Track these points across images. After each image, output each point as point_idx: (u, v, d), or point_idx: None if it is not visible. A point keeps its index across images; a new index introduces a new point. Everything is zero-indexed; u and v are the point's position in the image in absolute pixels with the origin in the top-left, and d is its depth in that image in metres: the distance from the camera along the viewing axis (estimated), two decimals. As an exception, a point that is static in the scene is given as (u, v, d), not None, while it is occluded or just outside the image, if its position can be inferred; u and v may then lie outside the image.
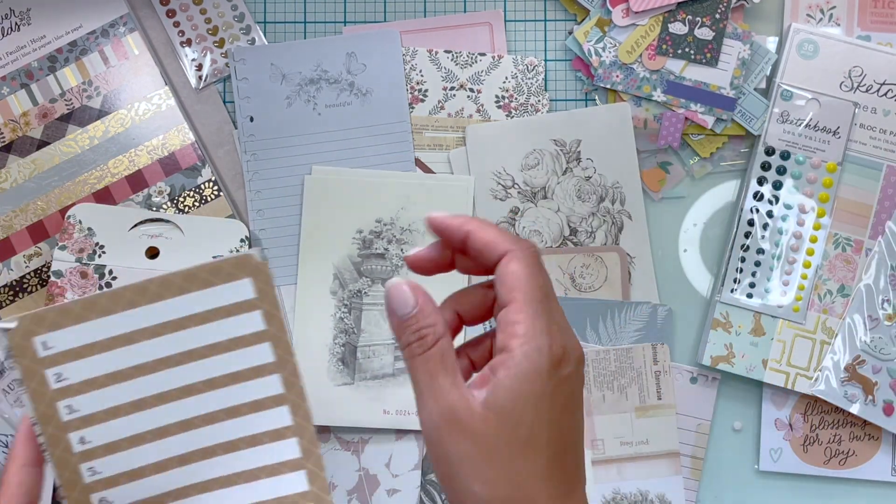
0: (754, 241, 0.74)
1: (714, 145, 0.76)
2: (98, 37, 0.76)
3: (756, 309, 0.74)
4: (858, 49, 0.75)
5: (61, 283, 0.72)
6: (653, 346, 0.74)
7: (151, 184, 0.75)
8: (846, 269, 0.74)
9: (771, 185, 0.75)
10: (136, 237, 0.73)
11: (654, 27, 0.75)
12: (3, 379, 0.74)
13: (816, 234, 0.74)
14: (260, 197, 0.76)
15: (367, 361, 0.75)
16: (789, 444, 0.75)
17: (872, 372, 0.73)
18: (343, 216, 0.75)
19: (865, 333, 0.73)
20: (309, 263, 0.75)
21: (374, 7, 0.77)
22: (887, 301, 0.74)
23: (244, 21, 0.77)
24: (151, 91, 0.76)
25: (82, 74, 0.75)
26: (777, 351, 0.74)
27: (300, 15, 0.77)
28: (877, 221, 0.74)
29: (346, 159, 0.76)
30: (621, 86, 0.76)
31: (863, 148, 0.75)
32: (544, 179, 0.77)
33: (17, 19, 0.75)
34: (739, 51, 0.75)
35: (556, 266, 0.76)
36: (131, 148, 0.75)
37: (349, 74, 0.76)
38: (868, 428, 0.75)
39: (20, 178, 0.75)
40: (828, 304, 0.74)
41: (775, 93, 0.75)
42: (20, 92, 0.75)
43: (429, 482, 0.75)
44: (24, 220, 0.74)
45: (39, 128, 0.75)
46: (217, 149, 0.77)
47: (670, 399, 0.74)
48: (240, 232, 0.73)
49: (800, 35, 0.75)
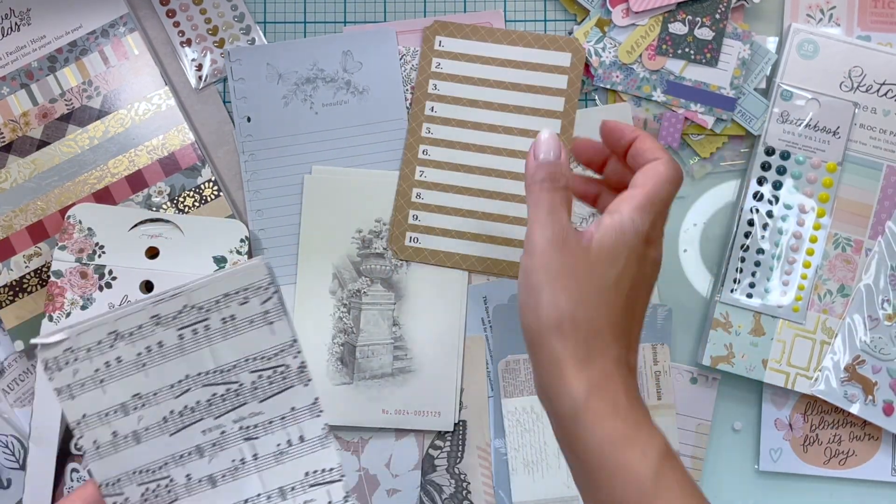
0: (754, 241, 0.74)
1: (714, 145, 0.76)
2: (98, 37, 0.76)
3: (756, 309, 0.74)
4: (858, 49, 0.75)
5: (61, 283, 0.72)
6: (653, 347, 0.74)
7: (151, 184, 0.75)
8: (846, 269, 0.74)
9: (771, 185, 0.74)
10: (136, 237, 0.73)
11: (654, 27, 0.75)
12: (3, 379, 0.74)
13: (816, 234, 0.74)
14: (259, 197, 0.76)
15: (365, 361, 0.75)
16: (789, 445, 0.75)
17: (872, 372, 0.73)
18: (342, 216, 0.75)
19: (865, 333, 0.73)
20: (308, 263, 0.75)
21: (373, 7, 0.77)
22: (887, 301, 0.73)
23: (244, 21, 0.77)
24: (151, 91, 0.76)
25: (82, 74, 0.75)
26: (777, 351, 0.74)
27: (300, 15, 0.78)
28: (877, 221, 0.74)
29: (344, 158, 0.76)
30: (621, 86, 0.76)
31: (863, 148, 0.75)
32: (544, 179, 0.77)
33: (16, 19, 0.75)
34: (739, 51, 0.75)
35: (556, 266, 0.76)
36: (131, 148, 0.75)
37: (345, 73, 0.76)
38: (868, 428, 0.75)
39: (20, 178, 0.75)
40: (828, 304, 0.74)
41: (775, 93, 0.75)
42: (20, 92, 0.75)
43: (429, 482, 0.75)
44: (24, 220, 0.75)
45: (39, 128, 0.75)
46: (217, 149, 0.77)
47: (670, 399, 0.74)
48: (239, 232, 0.73)
49: (800, 35, 0.75)
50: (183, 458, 0.50)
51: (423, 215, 0.75)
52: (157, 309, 0.49)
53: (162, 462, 0.50)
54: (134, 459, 0.50)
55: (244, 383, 0.51)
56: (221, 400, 0.51)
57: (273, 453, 0.52)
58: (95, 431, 0.50)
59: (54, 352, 0.49)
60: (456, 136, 0.75)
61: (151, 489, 0.50)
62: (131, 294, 0.72)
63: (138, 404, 0.50)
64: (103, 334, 0.48)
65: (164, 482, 0.50)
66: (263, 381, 0.51)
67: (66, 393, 0.49)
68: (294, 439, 0.52)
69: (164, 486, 0.51)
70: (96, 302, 0.71)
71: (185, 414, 0.50)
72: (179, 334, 0.50)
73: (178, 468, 0.50)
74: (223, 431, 0.51)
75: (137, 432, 0.50)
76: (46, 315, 0.71)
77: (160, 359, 0.49)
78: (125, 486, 0.50)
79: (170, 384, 0.50)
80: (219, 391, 0.50)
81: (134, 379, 0.50)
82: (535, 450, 0.74)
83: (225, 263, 0.72)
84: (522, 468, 0.74)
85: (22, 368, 0.74)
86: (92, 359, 0.49)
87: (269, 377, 0.51)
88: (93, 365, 0.49)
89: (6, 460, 0.73)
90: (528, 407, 0.74)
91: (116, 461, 0.50)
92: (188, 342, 0.50)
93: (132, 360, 0.49)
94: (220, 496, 0.51)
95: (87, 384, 0.49)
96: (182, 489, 0.51)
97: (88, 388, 0.49)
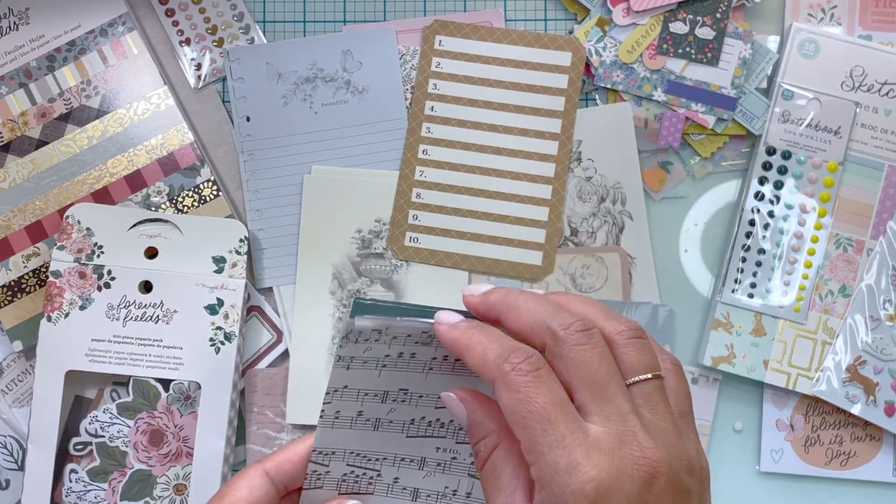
0: (755, 241, 0.74)
1: (715, 145, 0.76)
2: (97, 36, 0.75)
3: (757, 309, 0.74)
4: (859, 48, 0.74)
5: (60, 283, 0.71)
6: (653, 347, 0.74)
7: (150, 184, 0.75)
8: (847, 269, 0.74)
9: (772, 185, 0.74)
10: (135, 237, 0.72)
11: (655, 27, 0.75)
12: (2, 379, 0.74)
13: (818, 234, 0.74)
14: (258, 196, 0.75)
15: (366, 362, 0.74)
16: (790, 445, 0.75)
17: (874, 372, 0.73)
18: (342, 216, 0.75)
19: (867, 334, 0.73)
20: (308, 263, 0.75)
21: (373, 6, 0.77)
22: (888, 301, 0.73)
23: (243, 20, 0.77)
24: (150, 91, 0.75)
25: (81, 74, 0.75)
26: (778, 351, 0.74)
27: (299, 14, 0.77)
28: (878, 221, 0.74)
29: (344, 157, 0.76)
30: (622, 85, 0.75)
31: (864, 148, 0.74)
32: (544, 179, 0.77)
33: (15, 19, 0.75)
34: (740, 50, 0.75)
35: (557, 266, 0.75)
36: (130, 148, 0.75)
37: (345, 72, 0.76)
38: (869, 428, 0.74)
39: (19, 178, 0.74)
40: (829, 304, 0.74)
41: (776, 92, 0.74)
42: (19, 91, 0.75)
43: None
44: (23, 220, 0.74)
45: (38, 127, 0.75)
46: (216, 149, 0.76)
47: (671, 400, 0.74)
48: (239, 232, 0.73)
49: (801, 34, 0.75)
50: (404, 461, 0.50)
51: (423, 215, 0.75)
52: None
53: (382, 456, 0.50)
54: (360, 442, 0.49)
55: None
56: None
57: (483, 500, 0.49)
58: (345, 403, 0.49)
59: (368, 325, 0.48)
60: (456, 136, 0.75)
61: (355, 474, 0.50)
62: (130, 295, 0.71)
63: (399, 398, 0.49)
64: (416, 331, 0.47)
65: (371, 473, 0.50)
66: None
67: (344, 361, 0.48)
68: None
69: (368, 478, 0.50)
70: (95, 302, 0.71)
71: (432, 425, 0.49)
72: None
73: (392, 468, 0.50)
74: (455, 458, 0.49)
75: (381, 420, 0.49)
76: (45, 315, 0.71)
77: (445, 371, 0.48)
78: (336, 461, 0.50)
79: (438, 394, 0.48)
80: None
81: (412, 376, 0.49)
82: (536, 450, 0.74)
83: (224, 263, 0.72)
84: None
85: (21, 369, 0.74)
86: (390, 345, 0.48)
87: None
88: (386, 350, 0.48)
89: (5, 461, 0.73)
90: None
91: (344, 436, 0.49)
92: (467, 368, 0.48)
93: (423, 361, 0.48)
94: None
95: (368, 363, 0.49)
96: (382, 488, 0.50)
97: (368, 367, 0.49)
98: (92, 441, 0.72)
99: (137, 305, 0.72)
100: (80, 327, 0.71)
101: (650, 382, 0.39)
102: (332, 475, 0.49)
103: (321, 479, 0.49)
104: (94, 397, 0.73)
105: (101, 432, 0.72)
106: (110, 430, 0.72)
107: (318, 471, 0.49)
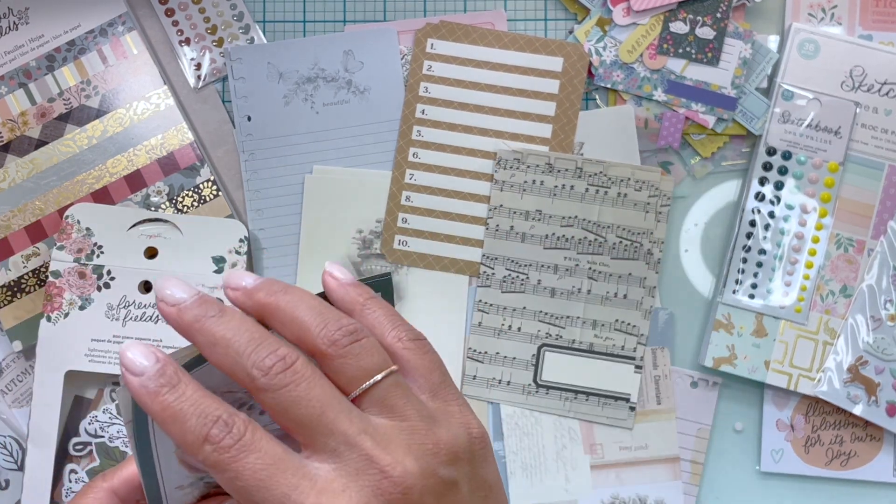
0: (756, 241, 0.74)
1: (715, 145, 0.76)
2: (97, 36, 0.75)
3: (758, 310, 0.74)
4: (860, 48, 0.74)
5: (59, 283, 0.71)
6: (652, 351, 0.74)
7: (150, 184, 0.75)
8: (848, 269, 0.74)
9: (772, 186, 0.74)
10: (135, 237, 0.72)
11: (655, 26, 0.75)
12: (2, 379, 0.74)
13: (818, 235, 0.74)
14: (259, 196, 0.75)
15: (366, 362, 0.74)
16: (791, 445, 0.75)
17: (875, 373, 0.73)
18: (343, 216, 0.75)
19: (868, 334, 0.73)
20: (308, 263, 0.75)
21: (373, 6, 0.77)
22: (890, 301, 0.73)
23: (243, 20, 0.77)
24: (150, 90, 0.75)
25: (81, 74, 0.75)
26: (779, 352, 0.74)
27: (299, 14, 0.77)
28: (879, 221, 0.74)
29: (345, 157, 0.76)
30: (622, 85, 0.75)
31: (864, 148, 0.74)
32: (545, 179, 0.77)
33: (15, 18, 0.75)
34: (741, 50, 0.75)
35: (557, 266, 0.75)
36: (130, 147, 0.75)
37: (346, 72, 0.76)
38: (870, 429, 0.74)
39: (18, 178, 0.74)
40: (830, 304, 0.74)
41: (776, 92, 0.74)
42: (18, 91, 0.75)
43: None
44: (23, 219, 0.74)
45: (38, 127, 0.75)
46: (216, 148, 0.76)
47: (670, 404, 0.74)
48: (239, 232, 0.73)
49: (801, 34, 0.75)
50: (543, 267, 0.72)
51: (412, 218, 0.75)
52: (583, 162, 0.72)
53: (529, 262, 0.72)
54: (513, 250, 0.73)
55: (608, 241, 0.72)
56: (588, 244, 0.71)
57: (601, 296, 0.72)
58: (501, 219, 0.73)
59: (510, 155, 0.73)
60: (446, 140, 0.75)
61: (511, 276, 0.72)
62: (130, 295, 0.71)
63: (537, 216, 0.72)
64: (542, 162, 0.72)
65: (521, 276, 0.72)
66: (621, 246, 0.72)
67: (499, 184, 0.72)
68: (620, 294, 0.72)
69: (520, 279, 0.72)
70: (95, 302, 0.71)
71: (560, 240, 0.71)
72: (586, 188, 0.72)
73: (535, 272, 0.72)
74: (577, 264, 0.71)
75: (525, 234, 0.72)
76: (45, 315, 0.71)
77: (567, 197, 0.71)
78: (498, 265, 0.72)
79: (563, 216, 0.71)
80: (589, 237, 0.71)
81: (544, 200, 0.72)
82: (534, 453, 0.74)
83: (224, 263, 0.72)
84: (521, 471, 0.74)
85: (20, 369, 0.74)
86: (526, 172, 0.72)
87: (626, 246, 0.72)
88: (526, 177, 0.72)
89: (4, 461, 0.73)
90: (528, 411, 0.74)
91: (502, 245, 0.73)
92: (589, 195, 0.72)
93: (551, 187, 0.72)
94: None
95: (514, 186, 0.72)
96: (529, 287, 0.72)
97: (514, 190, 0.73)
98: (92, 441, 0.72)
99: (137, 305, 0.71)
100: (80, 327, 0.71)
101: (381, 384, 0.36)
102: (496, 276, 0.72)
103: (489, 279, 0.72)
104: (93, 397, 0.73)
105: (101, 432, 0.72)
106: (110, 430, 0.72)
107: (487, 272, 0.72)
